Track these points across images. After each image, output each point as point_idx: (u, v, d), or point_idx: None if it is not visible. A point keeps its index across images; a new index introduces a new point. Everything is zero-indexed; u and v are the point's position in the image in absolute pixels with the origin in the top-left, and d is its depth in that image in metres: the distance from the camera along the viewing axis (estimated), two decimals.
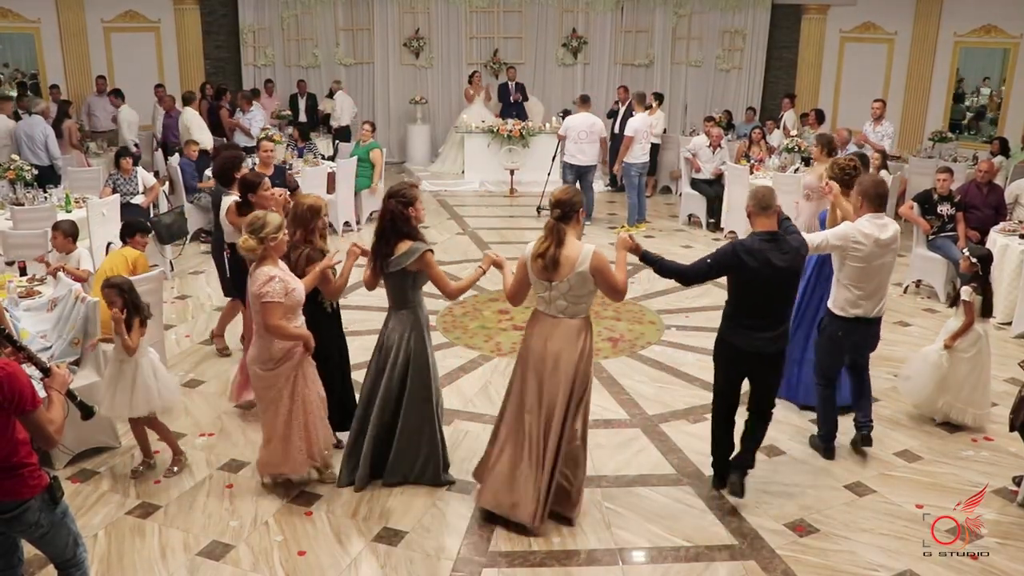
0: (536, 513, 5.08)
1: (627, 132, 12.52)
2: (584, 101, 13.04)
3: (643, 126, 12.59)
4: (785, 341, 5.41)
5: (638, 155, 12.54)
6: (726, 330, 5.39)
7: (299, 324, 5.28)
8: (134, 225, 7.40)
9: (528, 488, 5.09)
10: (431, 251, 5.32)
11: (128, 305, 5.45)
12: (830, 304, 5.94)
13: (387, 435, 5.55)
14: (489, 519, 5.27)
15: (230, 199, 6.88)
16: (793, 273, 5.26)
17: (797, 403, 6.78)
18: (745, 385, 5.53)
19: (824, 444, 6.14)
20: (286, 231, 5.25)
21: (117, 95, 14.01)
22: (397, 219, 5.28)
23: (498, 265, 5.40)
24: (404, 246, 5.27)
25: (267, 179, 6.79)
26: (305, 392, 5.34)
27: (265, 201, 6.43)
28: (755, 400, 5.55)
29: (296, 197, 6.15)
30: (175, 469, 5.79)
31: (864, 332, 5.91)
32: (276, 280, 5.05)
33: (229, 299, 7.70)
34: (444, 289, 5.39)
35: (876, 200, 5.76)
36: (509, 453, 5.21)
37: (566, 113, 14.67)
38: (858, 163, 6.66)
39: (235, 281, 7.10)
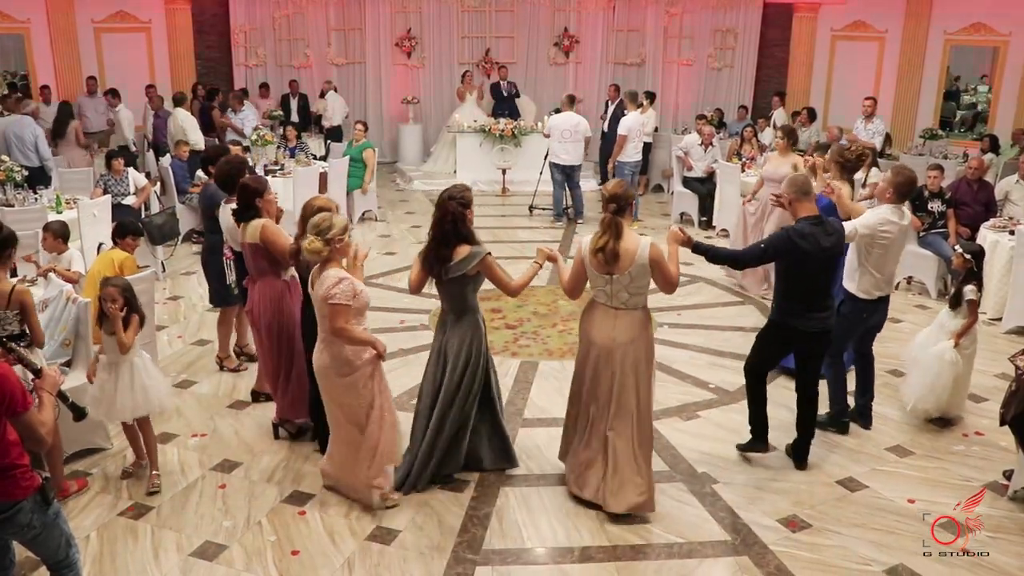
0: (647, 504, 5.27)
1: (620, 131, 12.53)
2: (571, 101, 13.08)
3: (636, 125, 12.61)
4: (834, 317, 5.76)
5: (631, 154, 12.55)
6: (785, 315, 5.64)
7: (365, 328, 5.18)
8: (125, 227, 7.34)
9: (628, 481, 5.23)
10: (490, 254, 5.32)
11: (128, 306, 5.42)
12: (854, 290, 6.16)
13: (435, 442, 5.52)
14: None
15: (231, 208, 6.46)
16: (838, 254, 5.64)
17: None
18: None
19: (839, 420, 6.34)
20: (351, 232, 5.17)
21: (114, 95, 13.97)
22: (458, 221, 5.24)
23: (552, 259, 5.45)
24: (463, 251, 5.24)
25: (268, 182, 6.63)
26: (384, 398, 5.27)
27: (271, 205, 6.23)
28: (803, 384, 5.87)
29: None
30: (157, 482, 5.63)
31: (884, 309, 6.30)
32: (346, 282, 4.95)
33: (221, 310, 7.48)
34: (506, 289, 5.42)
35: (904, 196, 6.13)
36: (590, 455, 5.34)
37: (557, 112, 14.68)
38: (867, 153, 6.96)
39: (239, 285, 6.84)
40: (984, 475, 5.83)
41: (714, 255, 5.67)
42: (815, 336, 5.63)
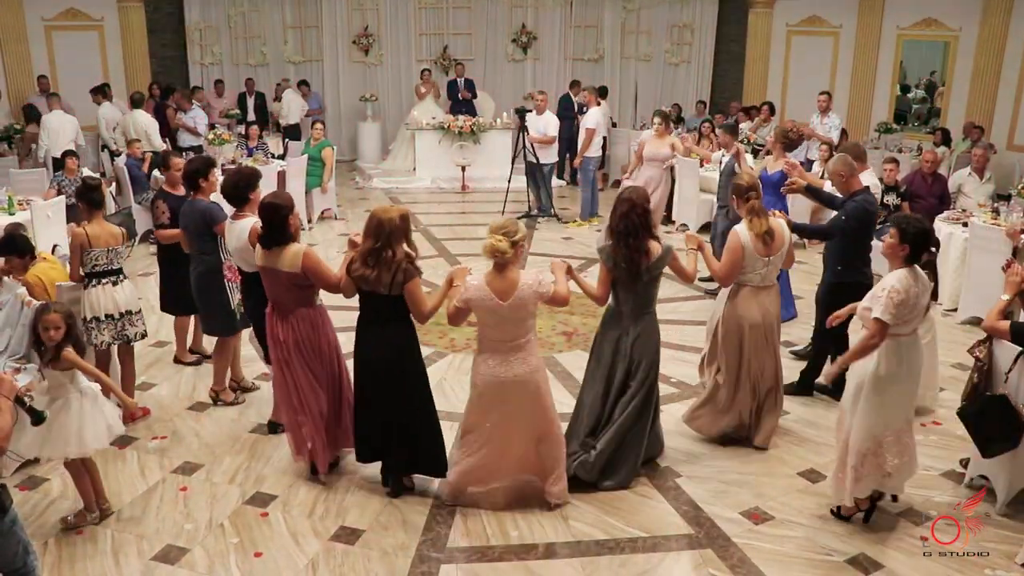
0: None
1: (589, 125, 12.51)
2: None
3: (603, 119, 12.71)
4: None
5: (595, 149, 12.62)
6: (844, 275, 6.46)
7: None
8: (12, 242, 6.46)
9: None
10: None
11: (67, 334, 4.91)
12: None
13: (640, 430, 5.60)
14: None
15: (251, 222, 5.88)
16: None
17: None
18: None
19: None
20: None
21: (99, 92, 13.58)
22: (647, 214, 5.28)
23: (702, 246, 5.87)
24: (656, 247, 5.29)
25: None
26: None
27: (297, 220, 5.63)
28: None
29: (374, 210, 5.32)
30: (71, 518, 5.20)
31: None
32: (539, 271, 5.07)
33: (219, 340, 6.76)
34: (688, 277, 5.77)
35: (864, 156, 7.45)
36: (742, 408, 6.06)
37: (519, 111, 14.69)
38: (797, 126, 8.63)
39: (251, 308, 6.19)
40: (942, 464, 5.92)
41: (805, 231, 7.42)
42: (865, 288, 6.02)
